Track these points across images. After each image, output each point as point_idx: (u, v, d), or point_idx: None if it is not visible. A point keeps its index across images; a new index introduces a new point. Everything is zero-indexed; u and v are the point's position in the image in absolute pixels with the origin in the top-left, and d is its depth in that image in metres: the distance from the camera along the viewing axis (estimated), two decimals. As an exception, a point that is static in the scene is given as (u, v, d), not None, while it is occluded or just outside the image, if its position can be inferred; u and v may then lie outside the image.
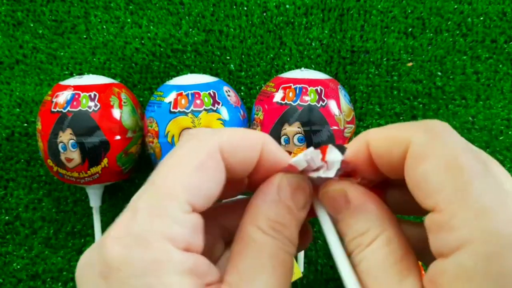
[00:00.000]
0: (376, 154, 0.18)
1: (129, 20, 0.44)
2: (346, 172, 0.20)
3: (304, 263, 0.43)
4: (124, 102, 0.38)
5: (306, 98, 0.35)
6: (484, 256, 0.14)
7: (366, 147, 0.19)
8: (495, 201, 0.14)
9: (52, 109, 0.36)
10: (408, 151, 0.17)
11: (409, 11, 0.43)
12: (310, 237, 0.22)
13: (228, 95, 0.37)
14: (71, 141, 0.36)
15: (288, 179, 0.19)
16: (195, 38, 0.44)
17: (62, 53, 0.44)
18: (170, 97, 0.36)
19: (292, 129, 0.35)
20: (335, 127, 0.35)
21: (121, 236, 0.15)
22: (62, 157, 0.36)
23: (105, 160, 0.37)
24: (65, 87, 0.37)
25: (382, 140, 0.18)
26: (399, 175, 0.18)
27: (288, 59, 0.43)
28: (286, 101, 0.36)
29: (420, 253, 0.18)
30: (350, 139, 0.37)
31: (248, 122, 0.39)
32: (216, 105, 0.36)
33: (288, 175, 0.19)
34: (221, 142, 0.18)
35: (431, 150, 0.16)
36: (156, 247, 0.15)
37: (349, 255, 0.18)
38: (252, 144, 0.18)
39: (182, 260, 0.15)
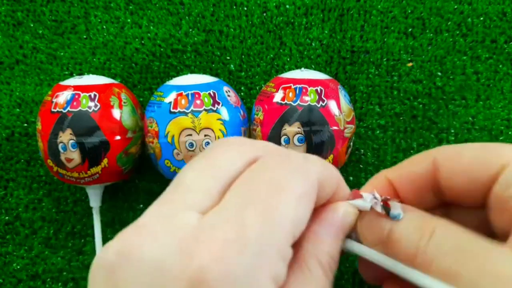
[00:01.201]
0: (453, 176, 0.18)
1: (129, 20, 0.44)
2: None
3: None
4: (124, 102, 0.38)
5: (306, 98, 0.35)
6: None
7: (434, 168, 0.19)
8: None
9: (52, 109, 0.36)
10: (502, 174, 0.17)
11: (409, 11, 0.43)
12: None
13: (228, 95, 0.37)
14: (71, 141, 0.36)
15: (355, 217, 0.19)
16: (195, 38, 0.44)
17: (62, 53, 0.44)
18: (170, 97, 0.36)
19: (292, 129, 0.35)
20: (335, 127, 0.35)
21: (224, 257, 0.13)
22: (62, 157, 0.36)
23: (105, 160, 0.37)
24: (65, 87, 0.37)
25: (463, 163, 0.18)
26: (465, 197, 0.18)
27: (288, 59, 0.43)
28: (286, 101, 0.36)
29: None
30: (350, 139, 0.37)
31: (248, 122, 0.39)
32: (216, 105, 0.36)
33: (355, 213, 0.19)
34: (319, 174, 0.17)
35: None
36: None
37: (410, 253, 0.17)
38: (334, 180, 0.18)
39: None
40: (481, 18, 0.42)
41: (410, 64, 0.43)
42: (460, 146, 0.19)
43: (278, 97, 0.36)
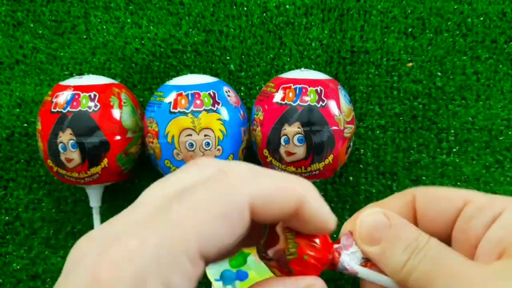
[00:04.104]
0: (426, 212, 0.21)
1: (129, 20, 0.44)
2: None
3: (304, 263, 0.43)
4: (124, 103, 0.38)
5: (306, 98, 0.35)
6: None
7: (412, 205, 0.21)
8: None
9: (52, 109, 0.36)
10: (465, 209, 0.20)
11: (409, 11, 0.43)
12: None
13: (228, 95, 0.37)
14: (71, 141, 0.36)
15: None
16: (195, 38, 0.44)
17: (62, 53, 0.44)
18: (170, 97, 0.36)
19: (292, 129, 0.35)
20: (335, 127, 0.35)
21: (120, 264, 0.14)
22: (62, 157, 0.36)
23: (105, 161, 0.37)
24: (65, 87, 0.37)
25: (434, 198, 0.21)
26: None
27: (288, 59, 0.43)
28: (286, 101, 0.36)
29: None
30: (350, 139, 0.37)
31: (248, 122, 0.39)
32: (216, 105, 0.36)
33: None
34: (253, 194, 0.16)
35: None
36: None
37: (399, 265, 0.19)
38: (289, 198, 0.17)
39: None
40: (481, 18, 0.42)
41: (410, 64, 0.43)
42: (434, 186, 0.22)
43: (278, 97, 0.36)
